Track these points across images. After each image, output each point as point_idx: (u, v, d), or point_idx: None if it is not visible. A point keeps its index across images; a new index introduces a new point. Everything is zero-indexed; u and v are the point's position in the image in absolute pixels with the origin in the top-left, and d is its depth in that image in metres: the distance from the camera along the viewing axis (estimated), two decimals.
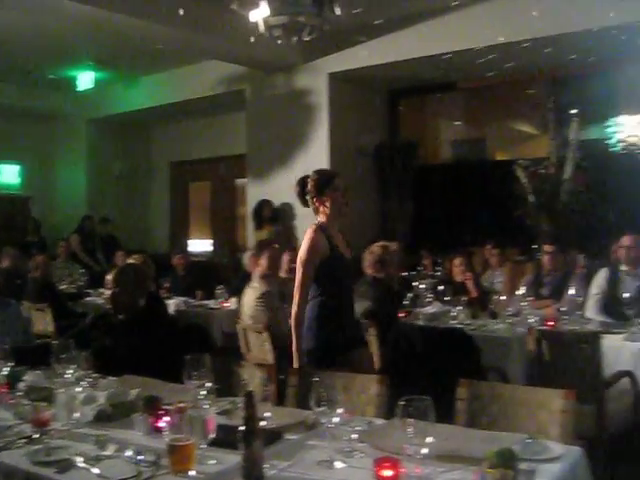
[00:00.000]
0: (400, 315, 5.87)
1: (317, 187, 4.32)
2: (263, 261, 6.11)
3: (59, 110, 13.65)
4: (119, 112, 13.13)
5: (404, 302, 6.32)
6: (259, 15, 5.67)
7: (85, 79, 12.12)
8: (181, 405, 2.61)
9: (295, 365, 4.04)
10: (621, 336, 5.13)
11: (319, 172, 4.44)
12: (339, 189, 4.34)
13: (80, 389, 3.14)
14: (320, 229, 4.28)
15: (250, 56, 9.85)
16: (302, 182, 4.42)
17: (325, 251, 4.21)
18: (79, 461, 2.49)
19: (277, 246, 7.43)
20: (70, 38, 9.89)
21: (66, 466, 2.47)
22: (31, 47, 10.34)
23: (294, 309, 4.17)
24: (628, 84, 9.80)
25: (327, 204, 4.30)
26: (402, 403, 2.20)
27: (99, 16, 7.90)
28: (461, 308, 6.01)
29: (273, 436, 2.67)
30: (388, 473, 2.25)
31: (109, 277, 4.57)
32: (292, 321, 4.16)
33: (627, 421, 4.64)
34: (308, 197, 4.36)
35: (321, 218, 4.34)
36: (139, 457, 2.47)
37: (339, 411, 2.48)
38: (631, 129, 9.28)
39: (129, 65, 11.71)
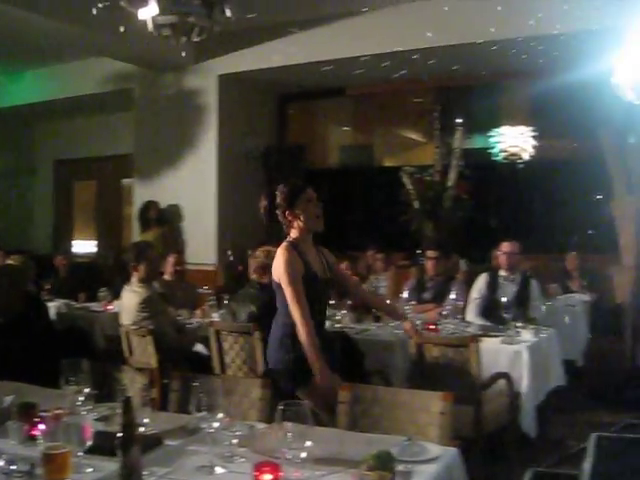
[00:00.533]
0: None
1: (288, 200, 4.02)
2: (142, 265, 5.91)
3: None
4: (2, 107, 12.64)
5: None
6: (148, 13, 5.56)
7: None
8: (58, 412, 2.53)
9: (322, 377, 3.70)
10: (499, 339, 5.31)
11: (289, 184, 4.11)
12: (312, 200, 4.07)
13: None
14: (292, 247, 3.97)
15: (139, 55, 9.68)
16: (270, 195, 4.08)
17: (300, 270, 3.90)
18: None
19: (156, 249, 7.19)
20: None
21: None
22: None
23: (304, 327, 3.76)
24: (510, 96, 10.18)
25: (301, 217, 4.00)
26: (281, 407, 2.20)
27: None
28: (345, 312, 6.09)
29: (152, 442, 2.63)
30: (268, 477, 2.25)
31: None
32: (307, 338, 3.75)
33: (503, 421, 4.80)
34: (278, 211, 4.02)
35: (293, 234, 4.04)
36: (12, 467, 2.37)
37: (219, 416, 2.46)
38: (512, 140, 9.62)
39: (12, 58, 11.28)
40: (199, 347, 5.96)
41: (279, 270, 3.88)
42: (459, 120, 9.37)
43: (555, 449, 5.18)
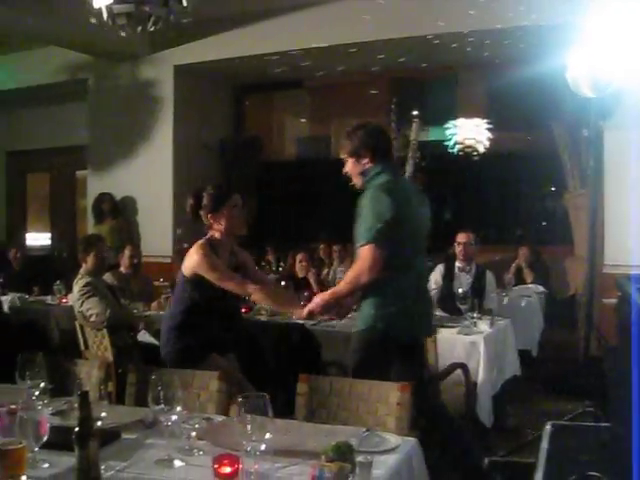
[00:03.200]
0: (242, 310, 5.86)
1: (213, 203, 4.15)
2: (90, 258, 5.93)
3: None
4: None
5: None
6: (103, 2, 5.49)
7: None
8: (13, 406, 2.49)
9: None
10: (455, 329, 5.36)
11: (216, 188, 4.23)
12: (237, 206, 4.18)
13: None
14: (208, 245, 4.12)
15: (93, 44, 9.54)
16: (197, 196, 4.21)
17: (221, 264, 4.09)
18: None
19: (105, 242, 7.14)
20: None
21: None
22: None
23: (247, 290, 4.04)
24: (466, 89, 10.26)
25: (221, 221, 4.14)
26: (240, 399, 2.20)
27: None
28: (302, 303, 6.07)
29: (110, 436, 2.61)
30: (227, 470, 2.25)
31: None
32: (257, 294, 4.06)
33: (459, 410, 4.85)
34: (202, 212, 4.17)
35: (214, 234, 4.19)
36: None
37: (177, 409, 2.45)
38: (468, 132, 9.69)
39: None
40: (147, 336, 5.91)
41: (193, 264, 4.05)
42: (415, 112, 9.41)
43: (511, 438, 5.26)
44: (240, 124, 11.27)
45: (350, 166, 4.01)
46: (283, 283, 6.64)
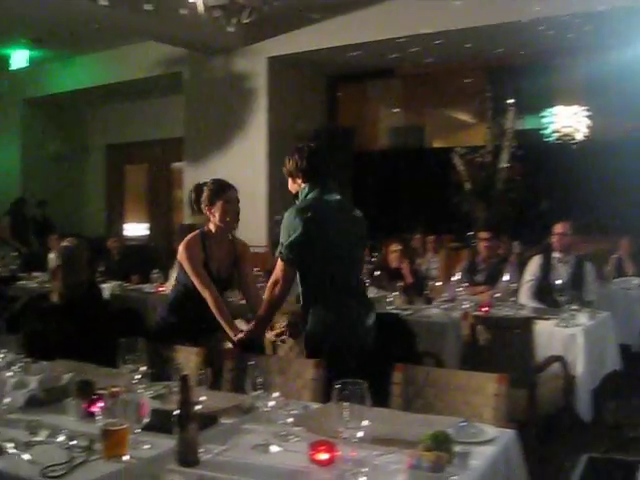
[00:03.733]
0: None
1: (210, 197, 4.29)
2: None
3: None
4: (54, 92, 12.87)
5: None
6: None
7: (19, 57, 11.82)
8: (115, 389, 2.56)
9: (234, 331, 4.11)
10: (553, 322, 5.23)
11: (215, 182, 4.39)
12: (231, 202, 4.32)
13: (11, 373, 3.07)
14: (200, 237, 4.35)
15: (189, 38, 9.73)
16: (199, 189, 4.40)
17: (199, 258, 4.30)
18: (9, 447, 2.42)
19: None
20: (3, 15, 9.61)
21: None
22: None
23: (205, 293, 4.21)
24: (563, 75, 9.98)
25: (216, 214, 4.28)
26: (338, 387, 2.19)
27: None
28: (397, 294, 6.05)
29: (208, 420, 2.64)
30: (323, 456, 2.25)
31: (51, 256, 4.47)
32: (210, 301, 4.20)
33: (557, 404, 4.74)
34: (202, 205, 4.33)
35: (209, 226, 4.37)
36: (71, 442, 2.41)
37: (275, 395, 2.47)
38: (565, 120, 9.46)
39: (65, 44, 11.44)
40: (243, 325, 5.96)
41: (181, 253, 4.30)
42: (511, 100, 9.25)
43: (610, 435, 5.10)
44: (333, 114, 11.29)
45: (289, 185, 4.20)
46: (377, 273, 6.61)
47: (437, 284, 6.29)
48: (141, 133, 13.20)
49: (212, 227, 4.35)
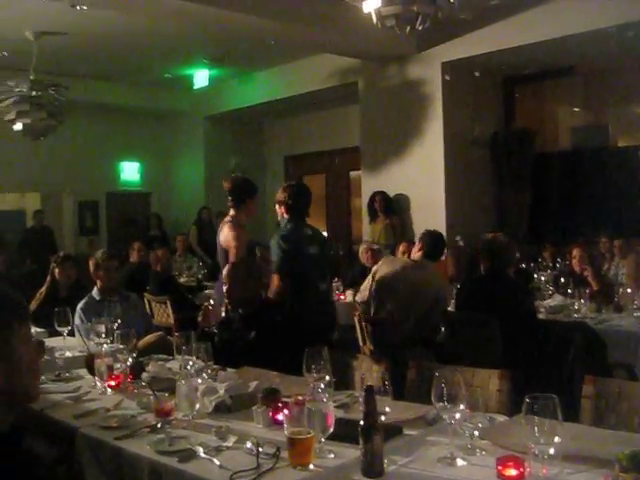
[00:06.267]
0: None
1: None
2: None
3: (176, 108, 14.12)
4: (234, 108, 13.44)
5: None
6: (372, 6, 5.61)
7: (200, 77, 12.38)
8: (300, 398, 2.60)
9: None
10: None
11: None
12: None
13: (200, 381, 3.19)
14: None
15: (363, 48, 9.83)
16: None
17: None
18: (200, 451, 2.53)
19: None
20: (184, 37, 10.14)
21: (187, 456, 2.51)
22: (146, 48, 10.71)
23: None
24: None
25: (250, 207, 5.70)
26: (528, 400, 2.11)
27: (211, 14, 8.02)
28: (583, 301, 5.79)
29: (393, 431, 2.63)
30: (512, 472, 2.18)
31: (224, 272, 4.61)
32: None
33: None
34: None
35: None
36: (259, 449, 2.46)
37: (461, 407, 2.41)
38: None
39: (243, 62, 11.92)
40: None
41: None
42: None
43: None
44: (510, 116, 11.01)
45: (277, 209, 5.37)
46: (562, 280, 6.36)
47: (627, 291, 5.95)
48: (318, 144, 13.48)
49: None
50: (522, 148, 10.31)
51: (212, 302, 5.28)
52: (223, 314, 4.78)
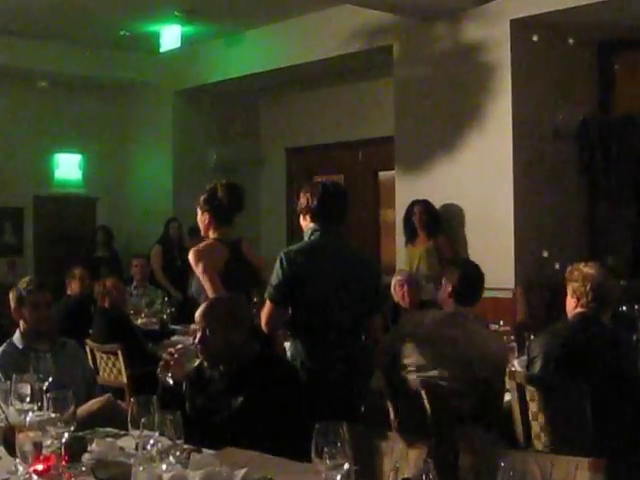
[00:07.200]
0: None
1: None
2: None
3: (136, 79, 14.09)
4: (216, 80, 13.33)
5: None
6: None
7: (169, 36, 12.30)
8: None
9: None
10: None
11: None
12: None
13: (165, 467, 3.17)
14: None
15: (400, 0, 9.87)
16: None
17: None
18: None
19: None
20: None
21: None
22: None
23: None
24: None
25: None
26: None
27: None
28: None
29: None
30: None
31: (197, 314, 4.60)
32: None
33: None
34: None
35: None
36: None
37: None
38: None
39: (228, 16, 11.81)
40: None
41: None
42: None
43: None
44: (608, 97, 11.02)
45: (301, 220, 5.42)
46: None
47: None
48: (334, 133, 13.39)
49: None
50: (623, 141, 10.31)
51: (180, 346, 5.24)
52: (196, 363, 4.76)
